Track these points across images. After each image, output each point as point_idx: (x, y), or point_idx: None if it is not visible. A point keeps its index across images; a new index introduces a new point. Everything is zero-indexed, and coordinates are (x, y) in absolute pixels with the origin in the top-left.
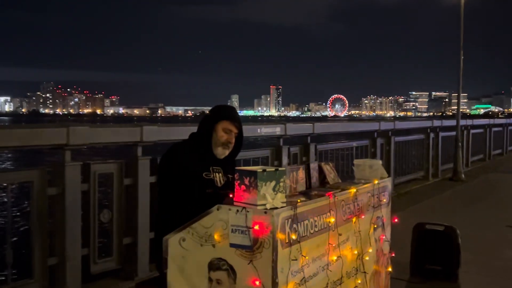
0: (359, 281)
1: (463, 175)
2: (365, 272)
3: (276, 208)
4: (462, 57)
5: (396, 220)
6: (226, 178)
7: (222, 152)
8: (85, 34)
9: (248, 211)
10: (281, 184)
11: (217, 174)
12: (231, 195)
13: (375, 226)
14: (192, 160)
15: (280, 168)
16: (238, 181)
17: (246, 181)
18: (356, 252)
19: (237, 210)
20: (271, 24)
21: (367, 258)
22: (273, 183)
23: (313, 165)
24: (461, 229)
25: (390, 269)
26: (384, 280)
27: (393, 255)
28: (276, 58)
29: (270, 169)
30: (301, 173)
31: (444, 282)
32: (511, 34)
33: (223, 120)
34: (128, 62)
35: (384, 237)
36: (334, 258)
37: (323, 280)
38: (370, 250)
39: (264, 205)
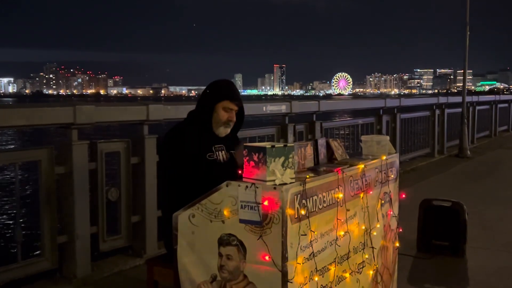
0: (367, 256)
1: (469, 152)
2: (372, 247)
3: (285, 184)
4: (468, 33)
5: (403, 196)
6: (229, 154)
7: (224, 131)
8: (87, 13)
9: (257, 187)
10: (290, 160)
11: (219, 152)
12: (240, 172)
13: (383, 201)
14: (194, 141)
15: (288, 144)
16: (247, 157)
17: (255, 157)
18: (363, 227)
19: (246, 186)
20: (275, 1)
21: (374, 233)
22: (282, 159)
23: (321, 141)
24: (468, 205)
25: (397, 244)
26: (391, 255)
27: (401, 230)
28: (280, 36)
29: (279, 145)
30: (309, 149)
31: (451, 257)
32: None
33: (223, 100)
34: (131, 42)
35: (391, 212)
36: (342, 233)
37: (331, 255)
38: (378, 226)
39: (273, 181)
